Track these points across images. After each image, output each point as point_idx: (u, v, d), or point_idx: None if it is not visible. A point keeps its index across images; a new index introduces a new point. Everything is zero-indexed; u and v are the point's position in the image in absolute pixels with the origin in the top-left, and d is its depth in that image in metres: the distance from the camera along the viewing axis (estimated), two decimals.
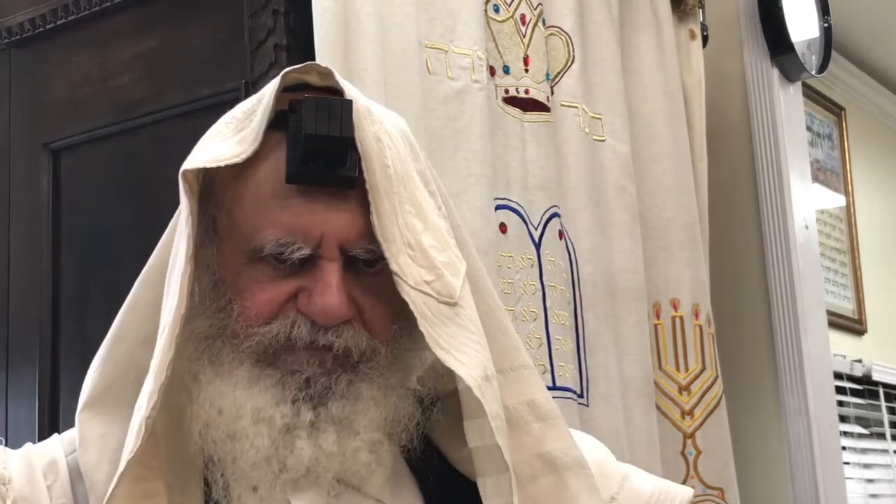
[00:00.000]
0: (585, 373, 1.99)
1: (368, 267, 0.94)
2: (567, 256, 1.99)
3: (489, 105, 1.86)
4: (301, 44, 1.72)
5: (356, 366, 0.94)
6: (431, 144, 1.77)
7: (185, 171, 0.93)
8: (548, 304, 1.90)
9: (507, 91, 1.95)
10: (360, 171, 0.92)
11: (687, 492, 1.09)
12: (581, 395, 1.96)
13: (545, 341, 1.89)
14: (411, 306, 0.91)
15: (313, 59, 1.63)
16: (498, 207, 1.86)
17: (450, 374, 0.93)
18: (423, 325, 0.91)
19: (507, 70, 1.96)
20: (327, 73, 0.97)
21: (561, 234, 1.97)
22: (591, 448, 1.07)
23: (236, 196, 0.95)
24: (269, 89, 0.95)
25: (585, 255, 2.03)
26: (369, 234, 0.92)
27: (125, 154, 2.01)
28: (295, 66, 0.97)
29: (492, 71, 1.91)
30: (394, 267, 0.91)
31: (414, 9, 1.79)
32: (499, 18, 1.96)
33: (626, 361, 2.09)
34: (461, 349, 0.92)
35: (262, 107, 0.94)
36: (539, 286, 1.90)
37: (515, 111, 1.95)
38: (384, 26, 1.74)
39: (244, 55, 1.80)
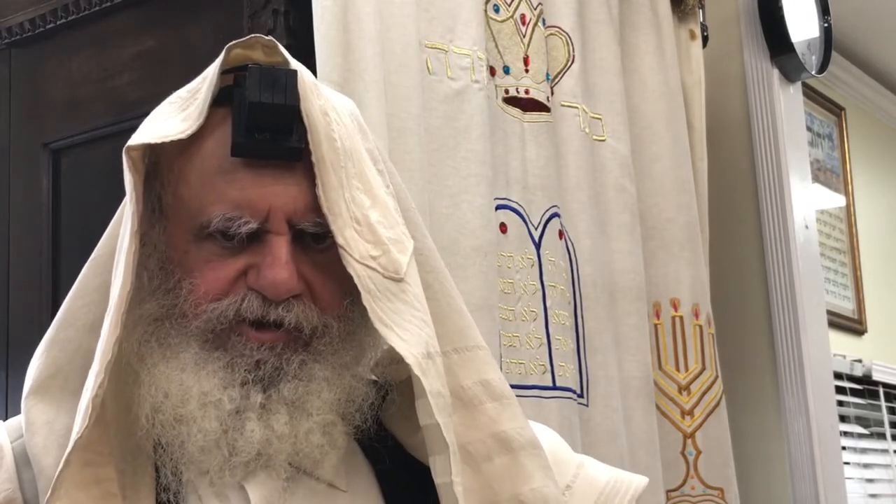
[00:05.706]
0: (585, 373, 1.98)
1: (317, 242, 0.93)
2: (567, 256, 1.99)
3: (489, 105, 1.86)
4: (301, 44, 1.72)
5: (308, 344, 0.92)
6: (431, 144, 1.77)
7: (129, 149, 0.91)
8: (548, 304, 1.90)
9: (507, 91, 1.95)
10: (307, 144, 0.90)
11: (642, 480, 1.08)
12: (581, 395, 1.96)
13: (545, 341, 1.88)
14: (356, 280, 0.90)
15: (313, 59, 1.63)
16: (498, 207, 1.86)
17: (404, 360, 0.93)
18: (367, 300, 0.90)
19: (507, 70, 1.96)
20: (272, 48, 0.96)
21: (561, 234, 1.97)
22: (546, 437, 1.07)
23: (182, 173, 0.94)
24: (213, 66, 0.94)
25: (585, 255, 2.03)
26: (317, 208, 0.91)
27: None
28: (238, 40, 0.95)
29: (492, 71, 1.91)
30: (339, 240, 0.90)
31: (414, 9, 1.79)
32: (499, 18, 1.96)
33: (626, 361, 2.09)
34: (404, 326, 0.91)
35: (207, 83, 0.93)
36: (539, 286, 1.90)
37: (515, 111, 1.95)
38: (384, 26, 1.74)
39: None
